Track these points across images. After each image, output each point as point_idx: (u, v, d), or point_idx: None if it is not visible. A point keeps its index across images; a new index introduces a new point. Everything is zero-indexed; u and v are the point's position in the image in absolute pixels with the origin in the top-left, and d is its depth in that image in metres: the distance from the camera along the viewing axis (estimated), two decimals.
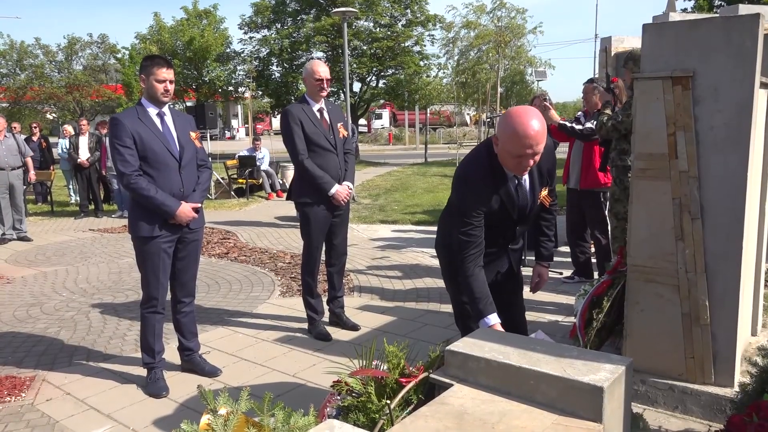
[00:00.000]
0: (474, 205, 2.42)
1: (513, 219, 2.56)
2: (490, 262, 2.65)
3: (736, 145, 2.81)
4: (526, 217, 2.61)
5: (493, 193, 2.44)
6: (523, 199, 2.54)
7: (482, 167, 2.46)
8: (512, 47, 15.34)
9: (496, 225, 2.53)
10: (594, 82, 5.36)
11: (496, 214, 2.49)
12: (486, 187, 2.43)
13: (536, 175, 2.56)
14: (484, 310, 2.43)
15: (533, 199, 2.58)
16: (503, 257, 2.71)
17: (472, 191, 2.44)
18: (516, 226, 2.62)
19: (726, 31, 2.78)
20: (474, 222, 2.43)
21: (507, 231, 2.61)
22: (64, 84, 28.09)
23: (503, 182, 2.46)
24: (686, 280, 2.98)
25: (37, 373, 3.82)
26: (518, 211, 2.55)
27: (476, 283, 2.45)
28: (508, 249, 2.71)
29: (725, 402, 2.89)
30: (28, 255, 7.50)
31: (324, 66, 4.18)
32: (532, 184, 2.56)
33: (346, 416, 2.05)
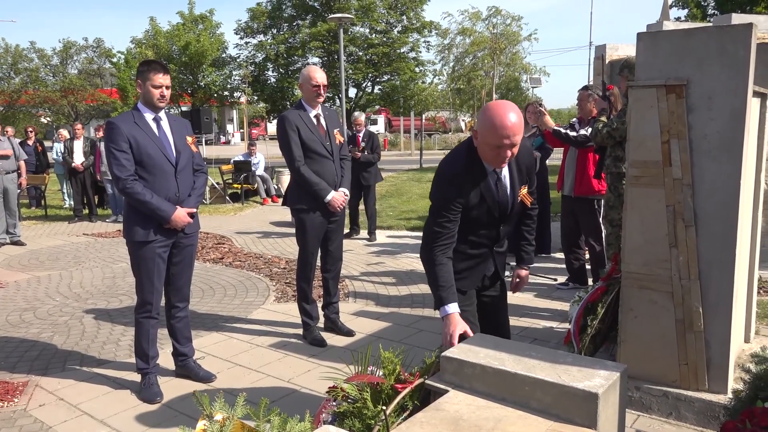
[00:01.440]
0: (451, 198, 2.45)
1: (496, 217, 2.58)
2: (477, 265, 2.68)
3: (730, 153, 2.84)
4: (508, 216, 2.63)
5: (473, 186, 2.48)
6: (503, 195, 2.57)
7: (462, 161, 2.51)
8: (507, 54, 15.41)
9: (480, 224, 2.56)
10: (589, 89, 5.39)
11: (478, 210, 2.51)
12: (465, 180, 2.47)
13: (515, 172, 2.59)
14: (447, 297, 2.46)
15: (513, 196, 2.61)
16: (489, 260, 2.71)
17: (451, 183, 2.48)
18: (500, 225, 2.64)
19: (720, 40, 2.81)
20: (450, 215, 2.46)
21: (491, 231, 2.63)
22: (59, 88, 28.05)
23: (483, 176, 2.49)
24: (680, 286, 2.99)
25: (30, 379, 3.80)
26: (500, 208, 2.57)
27: (443, 271, 2.47)
28: (493, 251, 2.71)
29: (719, 408, 2.90)
30: (21, 259, 7.46)
31: (321, 72, 4.19)
32: (512, 181, 2.59)
33: (341, 422, 2.05)
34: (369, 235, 8.30)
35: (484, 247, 2.66)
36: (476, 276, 2.70)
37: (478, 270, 2.69)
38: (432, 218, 2.52)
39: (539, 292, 5.52)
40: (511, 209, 2.61)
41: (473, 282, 2.70)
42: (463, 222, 2.52)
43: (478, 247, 2.64)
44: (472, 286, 2.70)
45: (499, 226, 2.64)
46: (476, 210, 2.51)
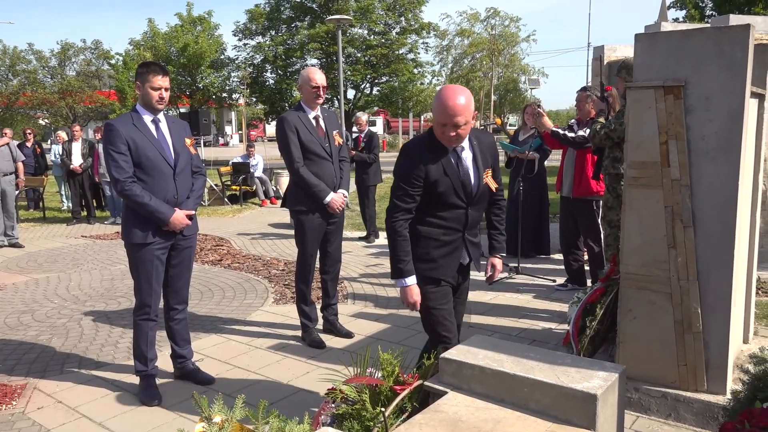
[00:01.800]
0: (410, 171, 2.61)
1: (462, 199, 2.70)
2: (451, 252, 2.77)
3: (728, 154, 2.84)
4: (474, 199, 2.74)
5: (433, 160, 2.62)
6: (465, 175, 2.70)
7: (425, 139, 2.71)
8: (506, 55, 15.42)
9: (447, 204, 2.69)
10: (587, 90, 5.40)
11: (443, 187, 2.64)
12: (425, 154, 2.63)
13: (478, 154, 2.74)
14: (406, 270, 2.65)
15: (478, 178, 2.73)
16: (461, 248, 2.80)
17: (411, 158, 2.65)
18: (467, 208, 2.74)
19: (717, 41, 2.81)
20: (408, 188, 2.62)
21: (460, 214, 2.73)
22: (57, 90, 28.03)
23: (443, 153, 2.65)
24: (678, 287, 3.00)
25: (29, 381, 3.79)
26: (464, 187, 2.69)
27: (403, 244, 2.66)
28: (465, 239, 2.80)
29: (717, 409, 2.90)
30: (19, 262, 7.45)
31: (320, 73, 4.19)
32: (475, 163, 2.74)
33: (340, 424, 2.05)
34: (367, 237, 8.30)
35: (457, 233, 2.76)
36: (452, 264, 2.78)
37: (453, 258, 2.78)
38: (393, 192, 2.69)
39: (538, 294, 5.52)
40: (476, 192, 2.74)
41: (449, 271, 2.78)
42: (431, 202, 2.67)
43: (451, 233, 2.74)
44: (448, 275, 2.78)
45: (467, 210, 2.74)
46: (440, 186, 2.63)
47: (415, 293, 2.66)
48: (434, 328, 2.80)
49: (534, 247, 6.92)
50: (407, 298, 2.68)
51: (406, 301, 2.70)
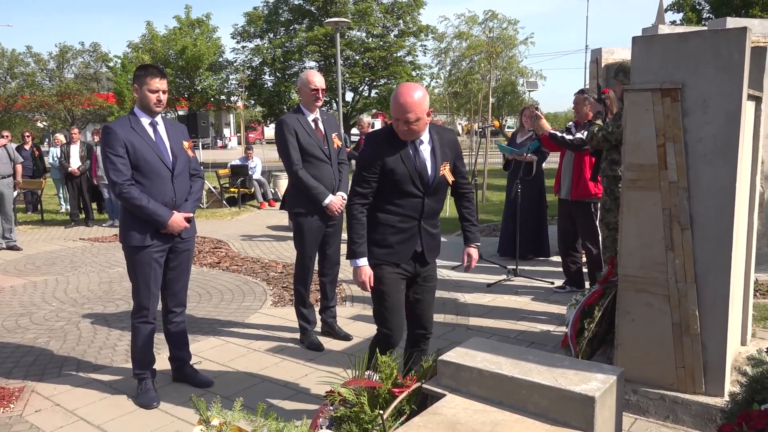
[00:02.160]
0: (370, 160, 2.82)
1: (419, 188, 2.86)
2: (407, 239, 2.92)
3: (725, 156, 2.85)
4: (430, 189, 2.90)
5: (391, 151, 2.81)
6: (422, 166, 2.86)
7: (384, 132, 2.92)
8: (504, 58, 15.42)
9: (405, 193, 2.85)
10: (585, 92, 5.41)
11: (400, 176, 2.81)
12: (384, 145, 2.83)
13: (437, 148, 2.91)
14: (360, 252, 2.86)
15: (435, 170, 2.89)
16: (416, 237, 2.94)
17: (371, 147, 2.86)
18: (424, 198, 2.89)
19: (714, 44, 2.82)
20: (367, 176, 2.82)
21: (417, 202, 2.89)
22: (56, 92, 28.00)
23: (402, 145, 2.83)
24: (676, 290, 3.00)
25: (26, 384, 3.78)
26: (420, 177, 2.85)
27: (359, 228, 2.86)
28: (422, 227, 2.94)
29: (715, 411, 2.91)
30: (17, 264, 7.44)
31: (319, 76, 4.19)
32: (433, 156, 2.90)
33: (338, 427, 2.05)
34: None
35: (413, 220, 2.91)
36: (407, 251, 2.93)
37: (408, 245, 2.93)
38: (353, 178, 2.90)
39: (536, 296, 5.52)
40: (432, 182, 2.89)
41: (404, 256, 2.92)
42: (390, 191, 2.85)
43: (407, 221, 2.90)
44: (402, 260, 2.92)
45: (424, 199, 2.90)
46: (397, 175, 2.81)
47: (365, 273, 2.85)
48: (382, 314, 2.96)
49: (532, 249, 6.92)
50: (358, 277, 2.87)
51: (357, 280, 2.88)
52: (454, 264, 6.77)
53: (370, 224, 2.90)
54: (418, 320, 3.08)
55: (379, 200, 2.88)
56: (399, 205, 2.87)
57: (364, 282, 2.86)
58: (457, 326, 4.74)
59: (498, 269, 6.43)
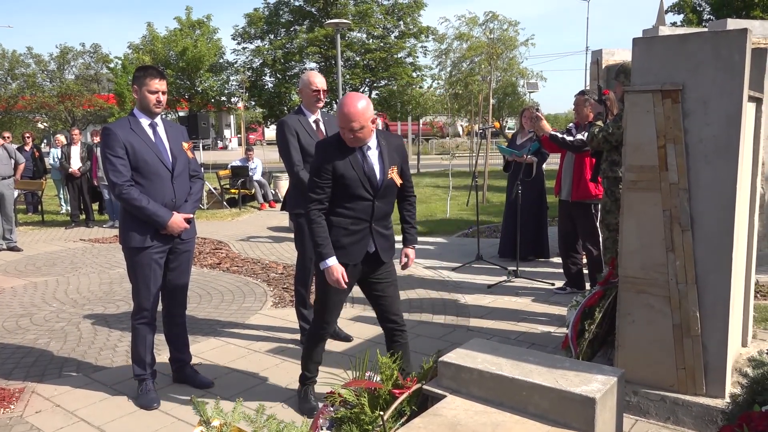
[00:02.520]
0: (323, 166, 2.96)
1: (369, 192, 3.01)
2: (359, 241, 3.06)
3: (725, 158, 2.85)
4: (379, 192, 3.04)
5: (340, 157, 2.96)
6: (371, 170, 3.01)
7: (333, 139, 3.05)
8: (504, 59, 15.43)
9: (356, 196, 2.99)
10: (585, 94, 5.41)
11: (350, 180, 2.96)
12: (334, 152, 2.97)
13: (385, 153, 3.05)
14: (326, 254, 2.96)
15: (383, 173, 3.03)
16: (368, 238, 3.07)
17: (322, 155, 2.99)
18: (374, 201, 3.03)
19: (715, 45, 2.82)
20: (318, 180, 2.97)
21: (367, 205, 3.03)
22: (56, 93, 28.00)
23: (351, 151, 2.98)
24: (677, 291, 3.00)
25: (27, 385, 3.78)
26: (369, 181, 3.00)
27: (319, 230, 2.98)
28: (373, 229, 3.07)
29: (716, 413, 2.90)
30: (18, 265, 7.44)
31: (320, 77, 4.20)
32: (381, 160, 3.04)
33: (339, 428, 2.05)
34: None
35: (364, 223, 3.05)
36: (359, 252, 3.07)
37: (360, 246, 3.06)
38: (308, 184, 3.06)
39: (537, 297, 5.52)
40: (381, 186, 3.03)
41: (355, 257, 3.06)
42: (341, 195, 2.99)
43: (359, 223, 3.04)
44: (354, 260, 3.06)
45: (374, 202, 3.03)
46: (347, 180, 2.96)
47: (336, 271, 2.96)
48: (323, 311, 3.16)
49: (533, 251, 6.92)
50: (330, 276, 2.97)
51: (329, 279, 2.98)
52: (455, 265, 6.77)
53: None
54: (386, 315, 3.23)
55: (332, 204, 3.02)
56: (350, 208, 3.01)
57: (337, 280, 2.97)
58: (457, 327, 4.74)
59: (498, 270, 6.43)
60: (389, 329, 3.25)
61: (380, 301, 3.21)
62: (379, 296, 3.21)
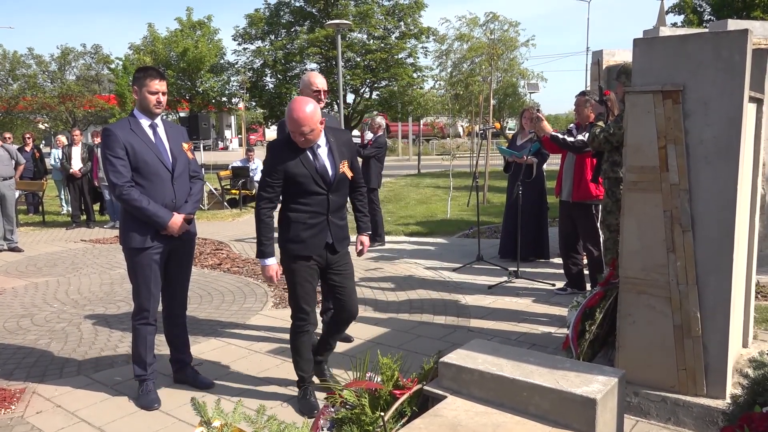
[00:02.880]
0: (274, 167, 3.13)
1: (322, 187, 3.18)
2: (317, 234, 3.23)
3: (726, 158, 2.85)
4: (333, 186, 3.22)
5: (291, 157, 3.13)
6: (323, 167, 3.19)
7: (284, 140, 3.24)
8: (505, 60, 15.44)
9: (311, 192, 3.17)
10: (586, 94, 5.41)
11: (304, 178, 3.13)
12: (284, 152, 3.15)
13: (334, 148, 3.24)
14: (268, 252, 3.21)
15: (334, 168, 3.21)
16: (326, 230, 3.25)
17: (273, 155, 3.16)
18: (329, 194, 3.21)
19: (715, 46, 2.82)
20: (272, 183, 3.15)
21: (322, 200, 3.21)
22: (57, 94, 28.01)
23: (301, 151, 3.15)
24: (678, 292, 3.00)
25: (28, 386, 3.78)
26: (322, 177, 3.17)
27: (265, 229, 3.20)
28: (330, 221, 3.25)
29: (717, 414, 2.90)
30: (19, 266, 7.45)
31: (321, 78, 4.20)
32: (332, 156, 3.23)
33: (339, 428, 2.05)
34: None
35: (321, 216, 3.22)
36: (318, 244, 3.24)
37: (319, 238, 3.24)
38: (260, 184, 3.23)
39: (537, 298, 5.52)
40: (333, 180, 3.21)
41: (315, 249, 3.24)
42: (297, 192, 3.17)
43: (316, 217, 3.21)
44: (315, 252, 3.24)
45: (328, 195, 3.21)
46: (301, 178, 3.13)
47: (272, 269, 3.22)
48: (297, 302, 3.30)
49: (533, 251, 6.92)
50: (266, 273, 3.24)
51: (265, 275, 3.25)
52: (455, 266, 6.77)
53: (284, 224, 3.25)
54: (344, 306, 3.39)
55: (289, 201, 3.21)
56: (307, 203, 3.19)
57: (271, 277, 3.23)
58: (458, 328, 4.74)
59: (499, 271, 6.43)
60: (342, 319, 3.46)
61: (338, 292, 3.38)
62: (336, 287, 3.37)
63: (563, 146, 5.13)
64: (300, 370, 3.39)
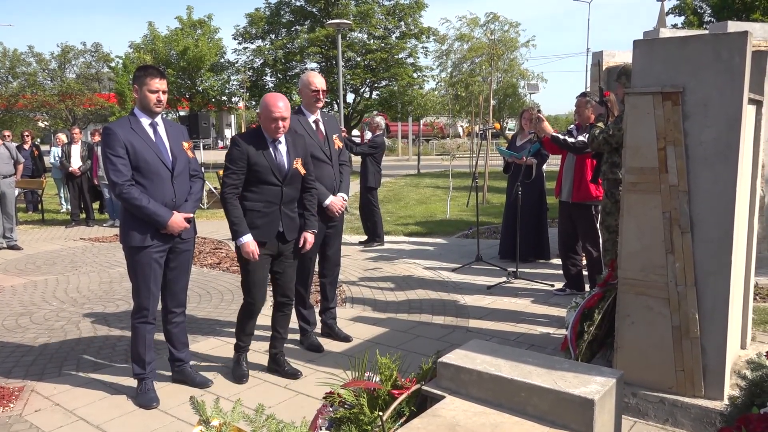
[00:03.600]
0: (240, 156, 3.45)
1: (278, 179, 3.51)
2: (270, 222, 3.56)
3: (725, 160, 2.85)
4: (286, 179, 3.55)
5: (255, 149, 3.47)
6: (281, 161, 3.54)
7: (251, 133, 3.59)
8: (505, 60, 15.45)
9: (267, 182, 3.50)
10: (587, 95, 5.41)
11: (262, 169, 3.47)
12: (249, 144, 3.47)
13: (291, 147, 3.60)
14: (241, 231, 3.47)
15: (289, 163, 3.56)
16: (278, 219, 3.57)
17: (238, 146, 3.48)
18: (282, 187, 3.54)
19: (715, 47, 2.83)
20: (237, 171, 3.46)
21: (276, 191, 3.54)
22: (57, 92, 28.01)
23: (264, 145, 3.51)
24: (676, 293, 3.00)
25: (26, 384, 3.78)
26: (279, 170, 3.51)
27: (235, 211, 3.48)
28: (282, 211, 3.57)
29: (715, 415, 2.91)
30: (18, 264, 7.45)
31: (320, 77, 4.20)
32: (288, 152, 3.58)
33: (338, 428, 2.05)
34: (369, 242, 8.29)
35: (274, 206, 3.55)
36: (271, 231, 3.57)
37: (271, 226, 3.56)
38: (224, 172, 3.51)
39: (536, 298, 5.52)
40: (287, 174, 3.55)
41: (268, 235, 3.56)
42: (255, 181, 3.48)
43: (269, 206, 3.54)
44: (267, 238, 3.56)
45: (282, 187, 3.55)
46: (260, 167, 3.46)
47: (250, 246, 3.47)
48: (249, 288, 3.64)
49: (533, 252, 6.92)
50: (245, 249, 3.48)
51: (244, 252, 3.48)
52: (455, 266, 6.77)
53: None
54: (282, 290, 3.79)
55: (246, 191, 3.51)
56: (262, 193, 3.51)
57: (250, 252, 3.48)
58: (456, 328, 4.75)
59: (498, 271, 6.43)
60: (281, 302, 3.82)
61: (278, 279, 3.75)
62: (279, 273, 3.73)
63: (564, 147, 5.13)
64: (240, 340, 3.81)
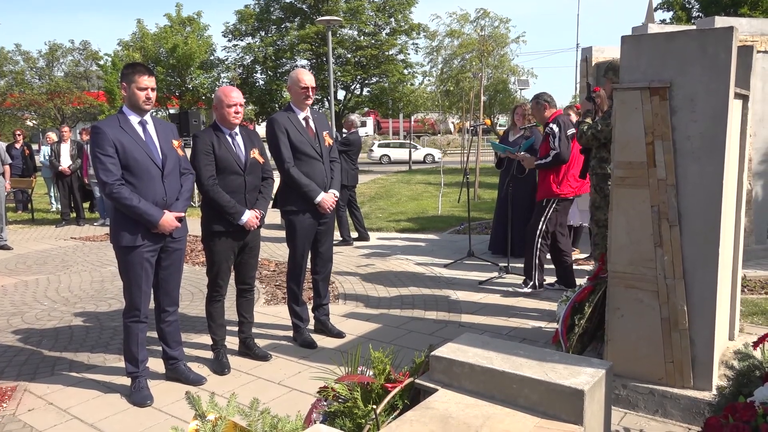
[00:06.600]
0: (203, 149, 3.73)
1: (240, 167, 3.79)
2: None
3: (712, 154, 2.89)
4: (247, 169, 3.82)
5: (217, 141, 3.76)
6: (239, 150, 3.83)
7: (207, 130, 3.85)
8: (495, 56, 15.50)
9: (232, 171, 3.77)
10: (538, 98, 5.53)
11: (227, 162, 3.75)
12: (211, 138, 3.77)
13: (245, 138, 3.88)
14: (239, 212, 3.76)
15: (247, 153, 3.84)
16: (243, 208, 3.80)
17: (201, 141, 3.77)
18: (244, 176, 3.81)
19: (701, 43, 2.86)
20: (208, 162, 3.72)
21: (240, 180, 3.80)
22: (45, 90, 27.80)
23: (223, 138, 3.79)
24: (665, 285, 3.04)
25: (19, 384, 3.77)
26: (239, 159, 3.80)
27: (223, 197, 3.74)
28: (246, 199, 3.82)
29: (704, 405, 2.95)
30: (8, 264, 7.40)
31: (309, 74, 4.20)
32: (245, 143, 3.86)
33: (332, 422, 2.07)
34: (345, 240, 8.28)
35: (239, 195, 3.81)
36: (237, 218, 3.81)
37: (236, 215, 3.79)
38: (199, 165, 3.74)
39: (528, 293, 5.56)
40: (246, 163, 3.82)
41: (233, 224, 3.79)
42: (221, 171, 3.74)
43: (235, 196, 3.79)
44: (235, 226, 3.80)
45: (244, 177, 3.81)
46: (223, 158, 3.75)
47: (251, 218, 3.81)
48: (215, 277, 3.92)
49: (524, 247, 6.94)
50: (248, 223, 3.79)
51: (248, 225, 3.80)
52: (447, 262, 6.80)
53: (206, 202, 3.80)
54: (243, 278, 4.06)
55: None
56: (227, 184, 3.76)
57: (254, 223, 3.82)
58: (449, 323, 4.78)
59: (490, 267, 6.47)
60: (243, 289, 4.09)
61: (240, 267, 4.01)
62: (241, 262, 3.99)
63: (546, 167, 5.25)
64: (213, 334, 3.99)
